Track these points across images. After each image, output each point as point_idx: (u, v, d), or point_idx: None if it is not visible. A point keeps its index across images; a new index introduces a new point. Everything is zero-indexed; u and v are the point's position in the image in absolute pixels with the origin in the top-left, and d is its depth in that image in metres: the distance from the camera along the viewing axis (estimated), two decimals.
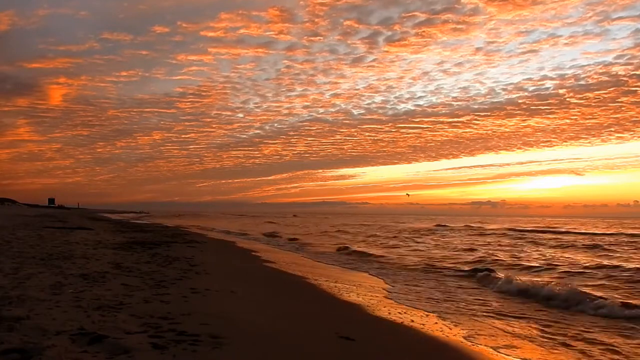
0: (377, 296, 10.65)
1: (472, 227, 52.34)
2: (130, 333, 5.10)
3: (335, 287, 11.40)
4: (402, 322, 7.89)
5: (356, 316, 8.27)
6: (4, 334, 4.75)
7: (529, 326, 8.34)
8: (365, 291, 11.21)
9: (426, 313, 8.99)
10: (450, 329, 7.76)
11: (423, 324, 7.88)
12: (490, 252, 22.83)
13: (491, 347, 6.74)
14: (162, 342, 4.82)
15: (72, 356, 4.27)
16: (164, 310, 6.33)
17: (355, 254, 21.55)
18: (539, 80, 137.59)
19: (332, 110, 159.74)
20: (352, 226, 55.81)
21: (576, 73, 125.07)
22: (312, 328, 6.82)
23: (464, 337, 7.20)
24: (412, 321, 8.03)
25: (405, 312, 8.84)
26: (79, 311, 5.96)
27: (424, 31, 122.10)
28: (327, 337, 6.16)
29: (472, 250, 23.83)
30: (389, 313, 8.60)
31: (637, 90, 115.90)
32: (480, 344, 6.85)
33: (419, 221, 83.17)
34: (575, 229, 49.18)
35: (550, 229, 46.76)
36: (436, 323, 8.11)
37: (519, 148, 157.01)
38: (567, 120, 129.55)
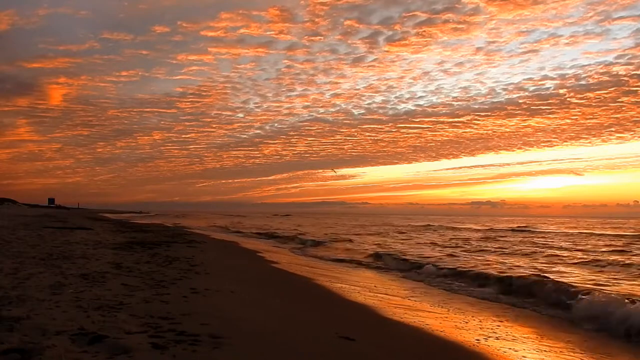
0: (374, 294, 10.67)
1: (432, 225, 59.16)
2: (130, 333, 5.10)
3: (335, 286, 11.41)
4: (403, 321, 7.91)
5: (357, 315, 8.28)
6: (4, 334, 4.75)
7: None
8: (364, 290, 11.23)
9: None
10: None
11: (428, 324, 7.88)
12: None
13: (499, 347, 6.75)
14: (162, 342, 4.82)
15: (72, 356, 4.26)
16: (164, 310, 6.33)
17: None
18: (539, 80, 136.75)
19: (333, 110, 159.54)
20: (328, 225, 59.20)
21: (577, 73, 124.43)
22: (312, 328, 6.82)
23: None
24: (417, 321, 8.04)
25: (406, 311, 8.86)
26: (79, 311, 5.96)
27: (424, 31, 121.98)
28: (327, 337, 6.16)
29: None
30: (393, 313, 8.61)
31: (637, 90, 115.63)
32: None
33: (405, 220, 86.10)
34: (536, 227, 51.45)
35: (513, 229, 49.44)
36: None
37: (519, 148, 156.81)
38: (568, 120, 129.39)
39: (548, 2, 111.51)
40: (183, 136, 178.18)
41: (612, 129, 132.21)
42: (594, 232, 42.09)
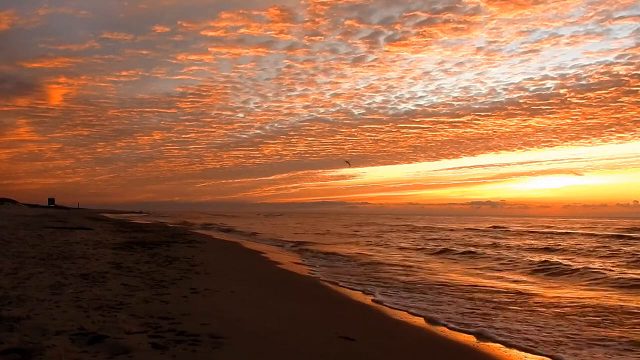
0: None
1: (396, 225, 61.05)
2: (130, 333, 5.10)
3: (334, 285, 11.40)
4: (402, 321, 7.90)
5: (357, 315, 8.28)
6: (4, 334, 4.75)
7: None
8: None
9: None
10: None
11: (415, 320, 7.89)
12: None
13: (502, 346, 6.75)
14: (162, 342, 4.82)
15: (72, 356, 4.27)
16: (164, 310, 6.33)
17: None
18: (540, 80, 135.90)
19: (333, 110, 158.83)
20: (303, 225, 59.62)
21: (577, 73, 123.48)
22: (312, 328, 6.82)
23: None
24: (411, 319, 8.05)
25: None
26: (79, 311, 5.96)
27: (424, 31, 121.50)
28: (327, 337, 6.16)
29: None
30: (393, 313, 8.61)
31: (638, 90, 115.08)
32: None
33: (395, 220, 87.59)
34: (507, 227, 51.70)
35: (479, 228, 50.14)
36: None
37: (520, 148, 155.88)
38: (568, 120, 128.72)
39: (549, 2, 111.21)
40: (183, 136, 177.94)
41: (613, 129, 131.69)
42: (559, 231, 42.28)
